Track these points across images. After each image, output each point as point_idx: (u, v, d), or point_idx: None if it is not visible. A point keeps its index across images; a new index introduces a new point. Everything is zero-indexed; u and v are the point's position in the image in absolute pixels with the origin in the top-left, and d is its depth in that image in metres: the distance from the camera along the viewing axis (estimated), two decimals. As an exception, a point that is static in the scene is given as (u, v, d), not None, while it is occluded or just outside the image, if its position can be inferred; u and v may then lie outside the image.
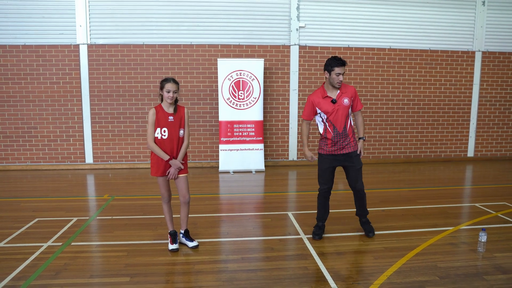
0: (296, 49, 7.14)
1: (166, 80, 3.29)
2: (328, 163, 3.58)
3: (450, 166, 7.45)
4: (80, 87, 6.90)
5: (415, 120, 7.69)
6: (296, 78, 7.22)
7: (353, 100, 3.55)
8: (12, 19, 6.66)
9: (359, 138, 3.65)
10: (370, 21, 7.26)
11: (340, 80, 3.40)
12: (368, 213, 3.87)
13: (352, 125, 3.62)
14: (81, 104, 6.94)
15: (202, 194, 5.41)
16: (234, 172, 6.73)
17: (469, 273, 3.02)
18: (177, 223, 3.78)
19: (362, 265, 3.18)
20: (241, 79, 6.70)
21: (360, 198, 3.74)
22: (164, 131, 3.32)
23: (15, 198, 5.23)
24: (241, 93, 6.71)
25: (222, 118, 6.73)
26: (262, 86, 6.79)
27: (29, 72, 6.80)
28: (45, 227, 4.03)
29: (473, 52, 7.62)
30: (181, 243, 3.55)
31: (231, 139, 6.77)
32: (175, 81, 3.32)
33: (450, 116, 7.79)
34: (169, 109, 3.35)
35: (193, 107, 7.12)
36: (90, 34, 6.79)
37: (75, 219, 4.27)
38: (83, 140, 7.04)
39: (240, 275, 3.00)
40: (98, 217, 4.39)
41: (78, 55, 6.81)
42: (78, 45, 6.79)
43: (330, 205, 4.76)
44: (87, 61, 6.82)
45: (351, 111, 3.61)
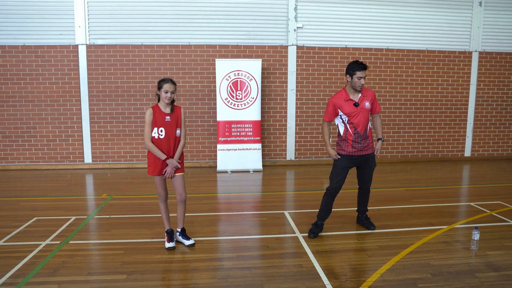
0: (294, 50, 7.18)
1: (164, 81, 3.33)
2: (346, 163, 3.66)
3: (447, 166, 7.49)
4: (79, 87, 6.95)
5: (413, 120, 7.73)
6: (294, 78, 7.26)
7: (372, 103, 3.64)
8: (12, 20, 6.70)
9: (378, 139, 3.78)
10: (368, 22, 7.30)
11: (362, 84, 3.47)
12: (367, 211, 4.05)
13: (371, 127, 3.73)
14: (80, 104, 6.99)
15: (200, 194, 5.45)
16: (232, 172, 6.77)
17: (461, 271, 3.06)
18: (174, 222, 3.83)
19: (356, 263, 3.22)
20: (239, 79, 6.74)
21: (366, 195, 3.91)
22: (161, 131, 3.36)
23: (14, 198, 5.27)
24: (239, 93, 6.75)
25: (220, 118, 6.78)
26: (260, 86, 6.84)
27: (28, 72, 6.84)
28: (44, 226, 4.07)
29: (470, 53, 7.66)
30: (178, 242, 3.59)
31: (229, 139, 6.81)
32: (173, 82, 3.36)
33: (447, 116, 7.84)
34: (166, 109, 3.39)
35: (192, 107, 7.16)
36: (89, 35, 6.83)
37: (73, 218, 4.31)
38: (82, 140, 7.08)
39: (235, 273, 3.04)
40: (96, 216, 4.43)
41: (77, 56, 6.86)
42: (77, 46, 6.83)
43: (327, 204, 4.87)
44: (86, 62, 6.87)
45: (370, 113, 3.71)
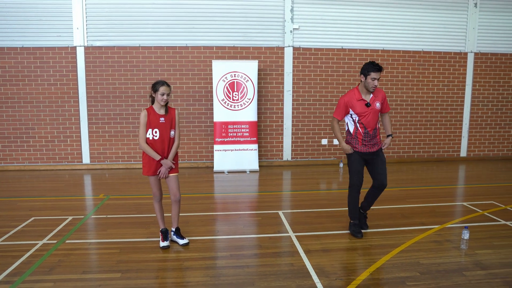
0: (290, 51, 7.24)
1: (160, 83, 3.38)
2: (359, 156, 3.73)
3: (443, 166, 7.54)
4: (77, 89, 7.01)
5: (408, 121, 7.79)
6: (290, 79, 7.32)
7: (382, 103, 3.71)
8: (10, 22, 6.77)
9: (388, 135, 3.87)
10: (364, 23, 7.36)
11: (375, 85, 3.53)
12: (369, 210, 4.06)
13: (379, 127, 3.79)
14: (78, 105, 7.05)
15: (196, 194, 5.51)
16: (229, 172, 6.83)
17: (450, 269, 3.12)
18: (169, 221, 3.89)
19: (347, 262, 3.27)
20: (235, 81, 6.80)
21: (378, 193, 3.85)
22: (156, 132, 3.43)
23: (12, 198, 5.33)
24: (236, 94, 6.81)
25: (217, 119, 6.84)
26: (256, 87, 6.90)
27: (27, 74, 6.91)
28: (41, 226, 4.14)
29: (466, 53, 7.71)
30: (172, 241, 3.65)
31: (226, 140, 6.87)
32: (168, 84, 3.43)
33: (443, 117, 7.89)
34: (161, 111, 3.46)
35: (189, 108, 7.23)
36: (87, 37, 6.90)
37: (71, 218, 4.37)
38: (80, 141, 7.15)
39: (227, 271, 3.10)
40: (93, 216, 4.49)
41: (75, 57, 6.92)
42: (75, 47, 6.90)
43: (322, 204, 4.94)
44: (84, 63, 6.93)
45: (380, 112, 3.78)
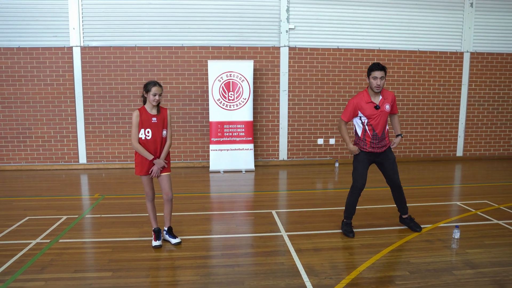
0: (286, 51, 7.26)
1: (152, 84, 3.40)
2: (366, 157, 3.73)
3: (439, 166, 7.55)
4: (74, 89, 7.04)
5: (405, 120, 7.80)
6: (286, 79, 7.34)
7: (393, 104, 3.72)
8: (7, 22, 6.79)
9: (397, 135, 3.86)
10: (359, 23, 7.37)
11: (378, 84, 3.49)
12: (408, 209, 4.01)
13: (387, 129, 3.79)
14: (75, 105, 7.08)
15: (191, 193, 5.54)
16: (225, 172, 6.85)
17: (439, 268, 3.13)
18: (161, 221, 3.91)
19: (337, 261, 3.28)
20: (231, 81, 6.82)
21: (401, 194, 3.85)
22: (148, 132, 3.45)
23: (8, 198, 5.36)
24: (231, 94, 6.83)
25: (213, 119, 6.86)
26: (252, 87, 6.91)
27: (24, 74, 6.94)
28: (35, 225, 4.16)
29: (462, 53, 7.72)
30: (165, 240, 3.67)
31: (222, 139, 6.90)
32: (160, 85, 3.45)
33: (439, 116, 7.90)
34: (152, 111, 3.48)
35: (185, 108, 7.25)
36: (83, 37, 6.92)
37: (65, 218, 4.40)
38: (77, 141, 7.18)
39: (218, 270, 3.12)
40: (87, 216, 4.52)
41: (72, 57, 6.95)
42: (72, 47, 6.92)
43: (316, 203, 4.95)
44: (81, 63, 6.96)
45: (391, 113, 3.80)
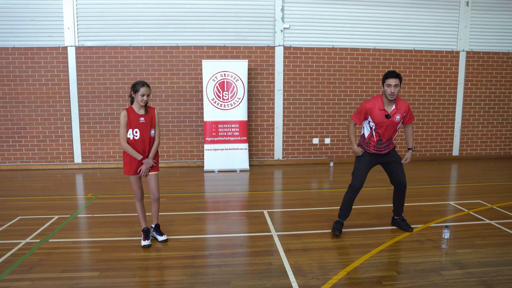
0: (281, 50, 7.24)
1: (140, 84, 3.39)
2: (369, 158, 3.73)
3: (435, 165, 7.53)
4: (69, 89, 7.04)
5: (400, 120, 7.77)
6: (281, 79, 7.33)
7: (406, 115, 3.66)
8: (2, 22, 6.79)
9: (408, 149, 3.81)
10: (355, 22, 7.35)
11: (392, 92, 3.45)
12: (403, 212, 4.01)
13: (394, 138, 3.75)
14: (70, 105, 7.08)
15: (184, 193, 5.53)
16: (219, 172, 6.84)
17: (427, 269, 3.12)
18: (150, 220, 3.90)
19: (325, 261, 3.27)
20: (225, 80, 6.81)
21: (403, 196, 3.85)
22: (136, 132, 3.44)
23: (1, 197, 5.36)
24: (226, 94, 6.83)
25: (207, 118, 6.85)
26: (246, 87, 6.90)
27: (18, 74, 6.94)
28: (26, 225, 4.16)
29: (458, 52, 7.69)
30: (152, 237, 3.69)
31: (216, 139, 6.89)
32: (148, 85, 3.45)
33: (435, 116, 7.87)
34: (140, 111, 3.47)
35: (180, 108, 7.24)
36: (78, 37, 6.92)
37: (56, 217, 4.40)
38: (72, 140, 7.18)
39: (205, 270, 3.12)
40: (79, 215, 4.52)
41: (66, 57, 6.95)
42: (66, 47, 6.92)
43: (309, 203, 4.94)
44: (75, 63, 6.96)
45: (402, 123, 3.75)
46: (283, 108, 7.42)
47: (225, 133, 6.88)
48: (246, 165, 6.96)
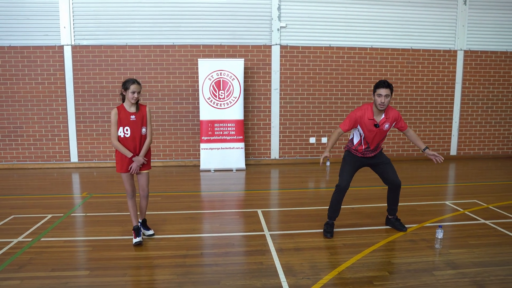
0: (278, 49, 7.21)
1: (131, 82, 3.38)
2: (355, 160, 3.73)
3: (432, 165, 7.48)
4: (65, 87, 7.03)
5: (398, 119, 7.74)
6: (278, 78, 7.30)
7: (398, 123, 3.67)
8: (-2, 21, 6.80)
9: (424, 149, 3.71)
10: (351, 21, 7.31)
11: (382, 102, 3.43)
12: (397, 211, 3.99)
13: (382, 146, 3.75)
14: (66, 104, 7.07)
15: (179, 192, 5.52)
16: (215, 171, 6.83)
17: (420, 269, 3.09)
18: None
19: (317, 261, 3.25)
20: (221, 79, 6.79)
21: (397, 195, 3.83)
22: (127, 130, 3.43)
23: (-4, 196, 5.36)
24: (222, 93, 6.80)
25: (203, 118, 6.83)
26: (243, 86, 6.88)
27: (15, 73, 6.93)
28: (19, 224, 4.15)
29: (455, 51, 7.65)
30: (144, 236, 3.70)
31: (212, 138, 6.87)
32: (138, 82, 3.43)
33: (433, 115, 7.84)
34: (131, 109, 3.46)
35: (176, 107, 7.23)
36: (74, 35, 6.91)
37: (50, 216, 4.38)
38: (68, 139, 7.17)
39: (196, 270, 3.10)
40: (73, 214, 4.51)
41: (63, 56, 6.93)
42: (62, 46, 6.91)
43: (301, 203, 4.92)
44: (71, 62, 6.94)
45: (400, 131, 3.79)
46: (280, 107, 7.39)
47: (221, 132, 6.86)
48: (242, 165, 6.94)
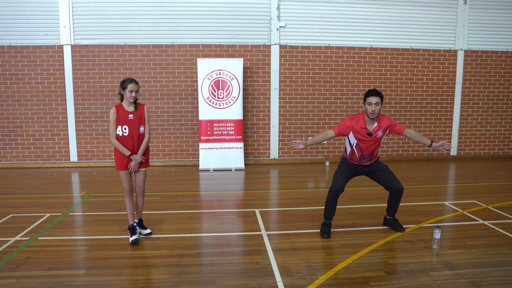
0: (277, 49, 7.20)
1: (129, 81, 3.41)
2: (351, 168, 3.74)
3: (432, 165, 7.47)
4: (64, 87, 7.04)
5: (398, 119, 7.72)
6: (277, 77, 7.29)
7: (392, 129, 3.63)
8: (-2, 20, 6.82)
9: (430, 145, 3.67)
10: (351, 20, 7.30)
11: (373, 110, 3.43)
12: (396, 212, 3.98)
13: (377, 153, 3.74)
14: (66, 104, 7.08)
15: (178, 192, 5.52)
16: (214, 170, 6.82)
17: (416, 269, 3.08)
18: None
19: (313, 261, 3.24)
20: (221, 79, 6.79)
21: (399, 198, 3.81)
22: (125, 129, 3.45)
23: (-5, 195, 5.37)
24: (221, 93, 6.80)
25: (202, 117, 6.83)
26: (242, 86, 6.87)
27: (14, 73, 6.95)
28: (17, 223, 4.15)
29: (455, 51, 7.62)
30: (141, 235, 3.70)
31: (211, 138, 6.87)
32: (136, 81, 3.46)
33: (433, 115, 7.81)
34: (129, 108, 3.47)
35: (175, 106, 7.23)
36: (74, 35, 6.92)
37: (48, 215, 4.39)
38: (68, 139, 7.18)
39: (191, 269, 3.09)
40: (71, 213, 4.51)
41: (62, 56, 6.95)
42: (62, 46, 6.92)
43: (299, 203, 4.91)
44: (71, 62, 6.96)
45: (399, 135, 3.78)
46: (279, 107, 7.38)
47: (221, 132, 6.86)
48: (241, 164, 6.94)
